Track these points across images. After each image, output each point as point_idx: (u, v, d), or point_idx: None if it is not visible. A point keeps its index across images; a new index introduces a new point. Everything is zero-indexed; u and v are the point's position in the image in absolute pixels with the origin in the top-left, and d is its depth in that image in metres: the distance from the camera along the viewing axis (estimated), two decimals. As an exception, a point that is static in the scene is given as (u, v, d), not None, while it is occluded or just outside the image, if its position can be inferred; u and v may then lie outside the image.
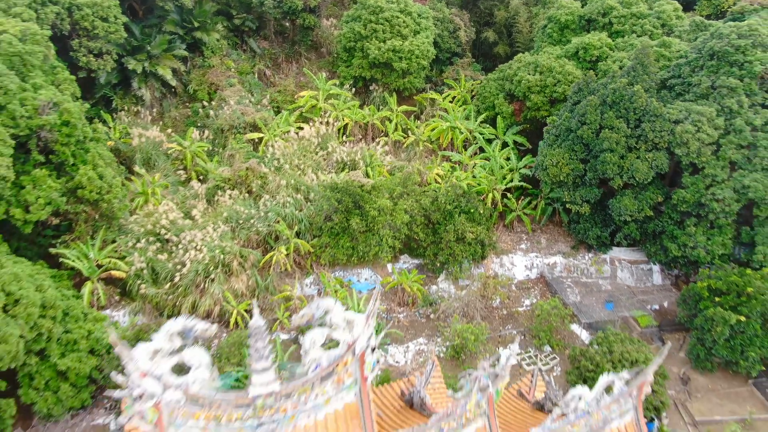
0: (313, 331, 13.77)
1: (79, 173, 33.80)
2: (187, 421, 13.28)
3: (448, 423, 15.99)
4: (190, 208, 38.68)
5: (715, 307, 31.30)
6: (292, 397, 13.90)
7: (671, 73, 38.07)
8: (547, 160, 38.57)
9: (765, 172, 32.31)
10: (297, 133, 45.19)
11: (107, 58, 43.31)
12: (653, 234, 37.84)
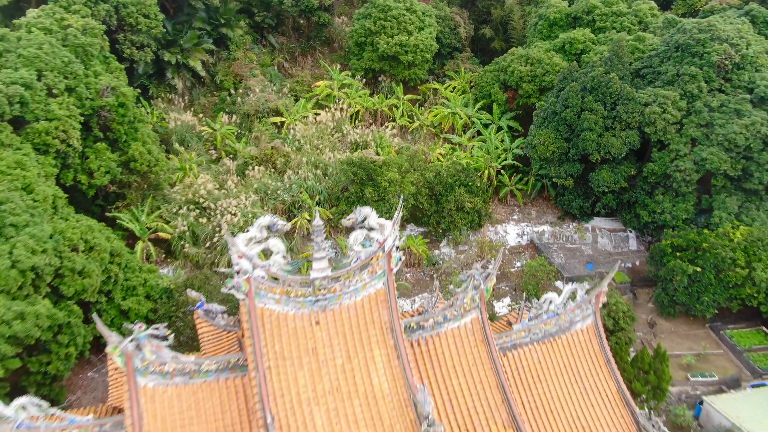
0: (355, 231, 19.39)
1: (132, 148, 39.38)
2: (267, 294, 18.89)
3: (450, 312, 21.66)
4: (223, 182, 44.26)
5: (676, 260, 36.90)
6: (340, 281, 19.51)
7: (644, 63, 43.67)
8: (535, 140, 44.17)
9: (720, 146, 37.84)
10: (315, 118, 50.78)
11: (147, 50, 48.82)
12: (628, 203, 43.45)
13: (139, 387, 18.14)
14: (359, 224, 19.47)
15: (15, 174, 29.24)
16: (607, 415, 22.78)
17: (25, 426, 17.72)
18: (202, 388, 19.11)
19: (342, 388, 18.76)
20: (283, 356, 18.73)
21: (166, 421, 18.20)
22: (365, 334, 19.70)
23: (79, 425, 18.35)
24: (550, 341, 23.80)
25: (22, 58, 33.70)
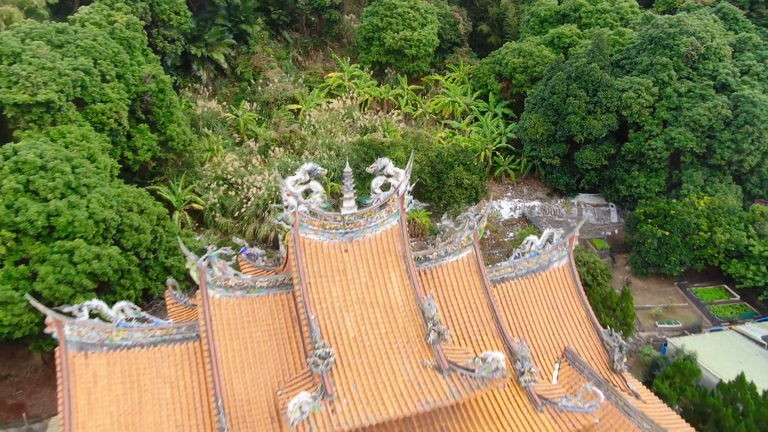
0: (376, 177, 24.73)
1: (169, 129, 44.72)
2: (307, 226, 24.19)
3: (450, 247, 27.00)
4: (247, 161, 49.57)
5: (647, 225, 42.21)
6: (364, 217, 24.84)
7: (623, 55, 48.95)
8: (526, 123, 49.49)
9: (687, 127, 43.13)
10: (327, 106, 56.12)
11: (177, 44, 54.17)
12: (608, 179, 48.75)
13: (209, 296, 23.45)
14: (379, 172, 24.84)
15: (82, 145, 34.52)
16: (578, 333, 28.09)
17: (122, 325, 23.02)
18: (256, 300, 24.43)
19: (365, 300, 24.06)
20: (320, 274, 24.04)
21: (229, 323, 23.52)
22: (383, 260, 25.01)
23: (162, 326, 23.64)
24: (532, 276, 29.11)
25: (79, 48, 38.98)
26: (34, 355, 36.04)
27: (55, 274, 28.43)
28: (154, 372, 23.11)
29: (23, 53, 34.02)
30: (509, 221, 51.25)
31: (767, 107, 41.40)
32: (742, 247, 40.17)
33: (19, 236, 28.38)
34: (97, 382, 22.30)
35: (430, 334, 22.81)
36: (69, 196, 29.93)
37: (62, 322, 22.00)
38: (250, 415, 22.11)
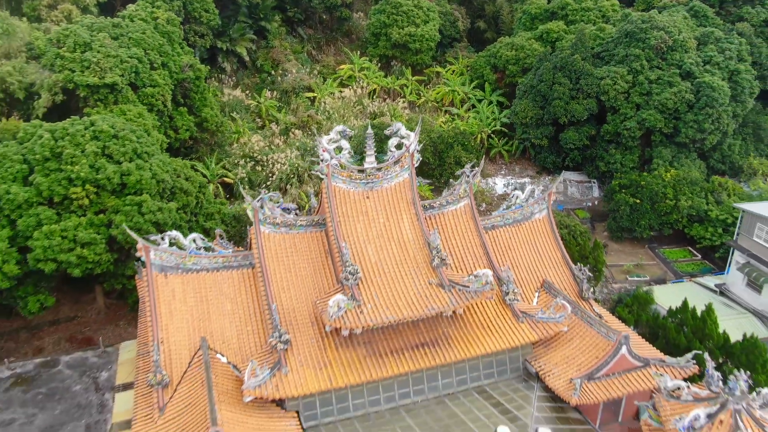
0: (392, 138, 31.14)
1: (204, 112, 51.10)
2: (338, 176, 30.58)
3: (450, 198, 33.42)
4: (270, 142, 55.93)
5: (621, 194, 48.61)
6: (381, 171, 31.24)
7: (603, 48, 55.32)
8: (518, 108, 55.89)
9: (656, 110, 49.50)
10: (340, 94, 62.51)
11: (206, 38, 60.57)
12: (590, 158, 55.13)
13: (261, 231, 29.87)
14: (394, 134, 31.26)
15: (139, 121, 40.87)
16: (554, 270, 34.45)
17: (193, 252, 29.43)
18: (296, 235, 30.84)
19: (383, 235, 30.47)
20: (347, 215, 30.46)
21: (277, 252, 29.93)
22: (397, 205, 31.43)
23: (223, 255, 30.04)
24: (517, 225, 35.52)
25: (132, 39, 45.36)
26: (97, 300, 42.49)
27: (127, 222, 34.78)
28: (218, 290, 29.55)
29: (92, 43, 40.40)
30: (502, 196, 57.53)
31: (724, 92, 47.79)
32: (703, 212, 46.57)
33: (99, 191, 34.74)
34: (174, 296, 28.70)
35: (434, 260, 29.24)
36: (136, 160, 36.30)
37: (149, 248, 28.41)
38: (294, 320, 28.49)
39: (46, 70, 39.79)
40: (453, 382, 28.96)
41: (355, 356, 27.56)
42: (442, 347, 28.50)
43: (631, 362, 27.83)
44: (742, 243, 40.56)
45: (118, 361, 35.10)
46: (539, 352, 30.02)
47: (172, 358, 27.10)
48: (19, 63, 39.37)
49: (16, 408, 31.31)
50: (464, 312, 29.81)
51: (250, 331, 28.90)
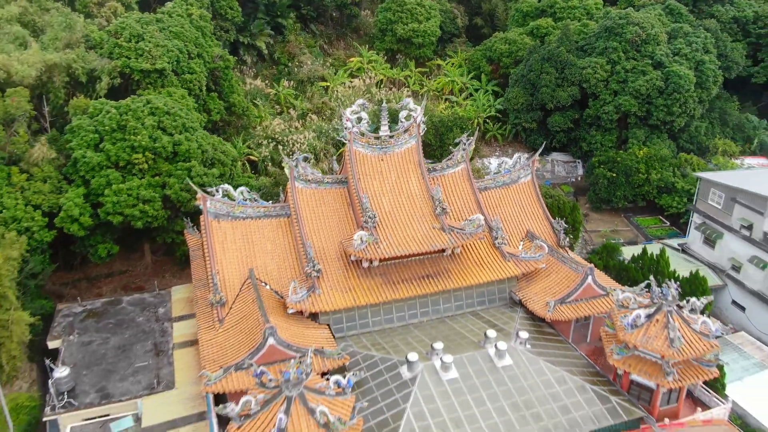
0: (402, 111, 37.95)
1: (232, 97, 57.85)
2: (358, 142, 37.38)
3: (449, 163, 40.25)
4: (289, 126, 62.64)
5: (600, 169, 55.38)
6: (393, 138, 38.05)
7: (585, 41, 62.09)
8: (510, 95, 62.68)
9: (631, 95, 56.24)
10: (350, 83, 69.23)
11: (230, 33, 67.29)
12: (574, 139, 61.92)
13: (296, 186, 36.62)
14: (404, 107, 38.04)
15: (183, 102, 47.57)
16: (536, 223, 41.20)
17: (241, 203, 36.18)
18: (324, 191, 37.58)
19: (395, 190, 37.22)
20: (366, 174, 37.21)
21: (308, 203, 36.68)
22: (406, 167, 38.19)
23: (265, 206, 36.79)
24: (506, 187, 42.30)
25: (172, 32, 52.05)
26: (145, 256, 49.23)
27: (179, 183, 41.56)
28: (260, 234, 36.32)
29: (144, 34, 47.13)
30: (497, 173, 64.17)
31: (690, 80, 54.58)
32: (670, 184, 53.35)
33: (155, 158, 41.46)
34: (226, 238, 35.48)
35: (437, 209, 36.04)
36: (184, 133, 43.06)
37: (206, 198, 35.19)
38: (324, 256, 35.19)
39: (105, 58, 46.50)
40: (452, 306, 35.75)
41: (373, 283, 34.32)
42: (443, 278, 35.27)
43: (595, 290, 34.54)
44: (699, 206, 47.39)
45: (171, 300, 41.80)
46: (522, 285, 36.80)
47: (226, 285, 33.86)
48: (80, 52, 46.02)
49: (92, 333, 37.97)
50: (461, 251, 36.58)
51: (287, 266, 35.64)
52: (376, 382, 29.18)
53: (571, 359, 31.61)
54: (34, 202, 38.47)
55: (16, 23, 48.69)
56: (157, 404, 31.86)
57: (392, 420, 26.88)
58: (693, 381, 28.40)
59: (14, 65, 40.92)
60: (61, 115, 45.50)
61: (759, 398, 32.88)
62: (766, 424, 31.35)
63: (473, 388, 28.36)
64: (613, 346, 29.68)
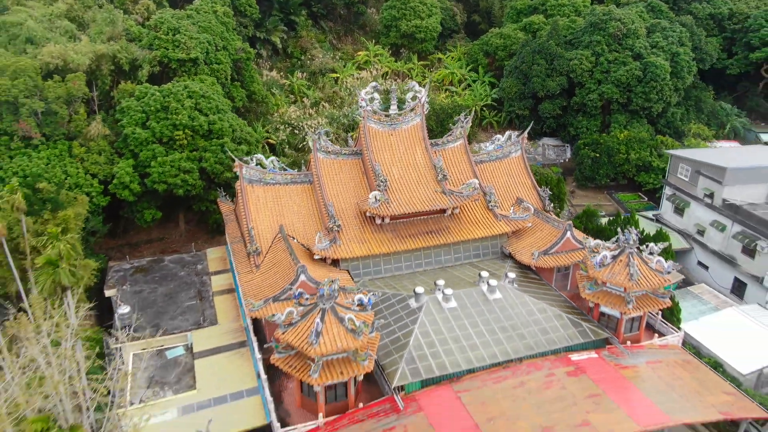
0: (408, 93, 44.13)
1: (252, 86, 64.00)
2: (371, 119, 43.57)
3: (449, 138, 46.45)
4: (303, 113, 68.77)
5: (585, 150, 61.54)
6: (401, 115, 44.25)
7: (573, 36, 68.21)
8: (504, 85, 68.82)
9: (613, 84, 62.36)
10: (358, 75, 75.37)
11: (249, 29, 73.38)
12: (563, 125, 68.06)
13: (318, 157, 42.77)
14: (410, 89, 44.18)
15: (213, 89, 53.70)
16: (525, 192, 47.31)
17: (271, 170, 42.35)
18: (342, 161, 43.70)
19: (403, 161, 43.37)
20: (377, 146, 43.36)
21: (328, 171, 42.82)
22: (412, 141, 44.34)
23: (291, 173, 42.93)
24: (499, 161, 48.43)
25: (201, 27, 58.15)
26: (180, 225, 55.36)
27: (214, 157, 47.69)
28: (288, 197, 42.46)
29: (180, 28, 53.27)
30: (492, 157, 70.25)
31: (665, 69, 60.73)
32: (647, 162, 59.50)
33: (193, 135, 47.59)
34: (258, 200, 41.61)
35: (438, 176, 42.20)
36: (217, 114, 49.23)
37: (242, 165, 41.33)
38: (342, 215, 41.26)
39: (145, 49, 52.64)
40: (452, 258, 41.92)
41: (384, 237, 40.49)
42: (444, 234, 41.43)
43: (574, 244, 40.66)
44: (670, 180, 53.57)
45: (207, 259, 47.97)
46: (512, 241, 42.97)
47: (260, 238, 39.99)
48: (123, 43, 52.12)
49: (142, 284, 44.10)
50: (459, 212, 42.73)
51: (311, 224, 41.77)
52: (390, 311, 35.36)
53: (551, 296, 37.79)
54: (92, 171, 44.69)
55: (65, 19, 54.84)
56: (203, 336, 38.09)
57: (403, 337, 33.05)
58: (649, 309, 34.57)
59: (70, 54, 47.05)
60: (106, 98, 51.65)
61: (711, 333, 38.99)
62: (715, 352, 37.46)
63: (469, 315, 34.52)
64: (585, 282, 35.88)
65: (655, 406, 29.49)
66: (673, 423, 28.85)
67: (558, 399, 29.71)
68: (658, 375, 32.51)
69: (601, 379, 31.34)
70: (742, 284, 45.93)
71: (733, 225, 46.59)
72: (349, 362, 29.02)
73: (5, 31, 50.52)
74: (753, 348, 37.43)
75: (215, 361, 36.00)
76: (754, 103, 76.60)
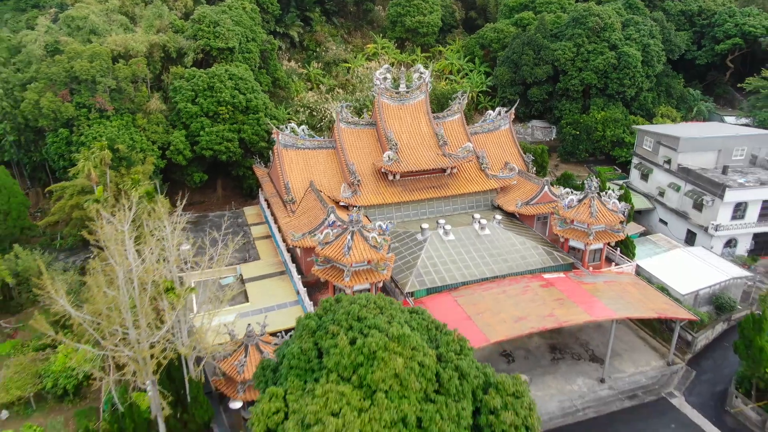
0: (415, 73, 53.28)
1: (277, 73, 73.19)
2: (384, 95, 52.72)
3: (448, 112, 55.63)
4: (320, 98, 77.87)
5: (567, 128, 70.67)
6: (409, 92, 53.41)
7: (558, 29, 77.21)
8: (497, 73, 77.94)
9: (592, 71, 71.41)
10: (368, 65, 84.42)
11: (270, 24, 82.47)
12: (549, 108, 77.14)
13: (341, 126, 51.90)
14: (416, 70, 53.32)
15: (247, 74, 62.75)
16: (512, 157, 56.42)
17: (303, 137, 51.47)
18: (360, 130, 52.83)
19: (410, 130, 52.51)
20: (389, 118, 52.48)
21: (349, 138, 51.95)
22: (418, 113, 53.47)
23: (318, 140, 52.03)
24: (490, 132, 57.57)
25: (234, 20, 67.20)
26: (217, 190, 64.49)
27: (251, 129, 56.81)
28: (315, 160, 51.60)
29: (219, 21, 62.39)
30: (487, 137, 79.33)
31: (637, 58, 69.76)
32: (620, 139, 68.59)
33: (234, 110, 56.67)
34: (292, 161, 50.77)
35: (440, 141, 51.35)
36: (253, 93, 58.34)
37: (278, 132, 50.47)
38: (361, 173, 50.37)
39: (189, 39, 61.76)
40: (450, 209, 51.04)
41: (395, 190, 49.59)
42: (443, 189, 50.54)
43: (550, 196, 49.75)
44: (637, 151, 62.70)
45: (245, 214, 57.13)
46: (500, 195, 52.07)
47: (294, 191, 49.12)
48: (170, 34, 61.23)
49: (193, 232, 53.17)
50: (457, 172, 51.82)
51: (335, 181, 50.85)
52: (401, 243, 44.53)
53: (531, 235, 46.95)
54: (152, 138, 53.80)
55: (119, 14, 64.00)
56: (250, 268, 47.22)
57: (412, 260, 42.19)
58: (607, 240, 43.68)
59: (130, 43, 56.19)
60: (157, 80, 60.75)
61: (660, 266, 47.98)
62: (662, 279, 46.46)
63: (464, 245, 43.67)
64: (556, 221, 45.03)
65: (605, 307, 38.61)
66: (618, 317, 37.98)
67: (531, 300, 38.86)
68: (612, 289, 41.66)
69: (566, 289, 40.48)
70: (692, 234, 55.04)
71: (686, 185, 55.72)
72: (371, 272, 38.11)
73: (67, 25, 59.64)
74: (693, 277, 46.52)
75: (262, 284, 45.17)
76: (721, 90, 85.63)
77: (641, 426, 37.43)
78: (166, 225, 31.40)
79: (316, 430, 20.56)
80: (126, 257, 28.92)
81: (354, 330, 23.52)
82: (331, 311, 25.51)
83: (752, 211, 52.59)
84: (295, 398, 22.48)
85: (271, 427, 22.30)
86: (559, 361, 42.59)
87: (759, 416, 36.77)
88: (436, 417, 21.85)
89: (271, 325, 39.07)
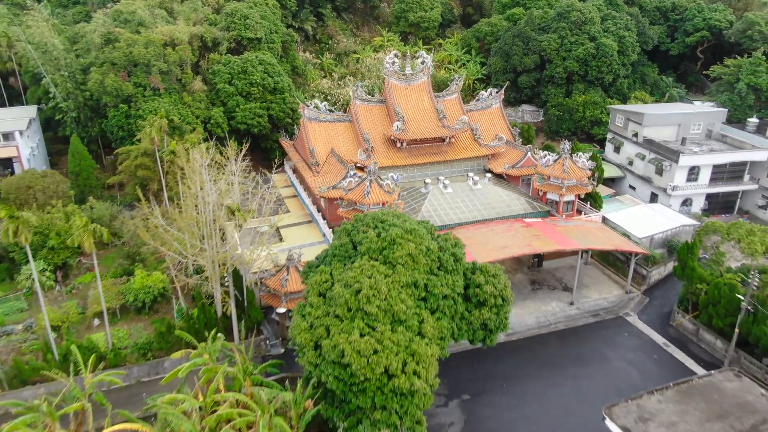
0: (418, 58, 62.90)
1: (296, 62, 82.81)
2: (393, 77, 62.34)
3: (447, 92, 65.32)
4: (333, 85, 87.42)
5: (552, 110, 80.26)
6: (413, 74, 63.04)
7: (545, 23, 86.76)
8: (491, 62, 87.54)
9: (574, 60, 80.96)
10: (375, 56, 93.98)
11: (287, 19, 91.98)
12: (537, 93, 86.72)
13: (356, 103, 61.51)
14: (419, 56, 62.90)
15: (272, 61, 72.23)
16: (501, 131, 65.98)
17: (324, 111, 61.04)
18: (372, 107, 62.41)
19: (415, 106, 62.10)
20: (397, 96, 62.07)
21: (363, 113, 61.55)
22: (421, 92, 63.07)
23: (337, 114, 61.59)
24: (483, 110, 67.15)
25: (260, 15, 76.66)
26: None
27: (278, 107, 66.39)
28: (335, 131, 61.20)
29: (249, 15, 71.95)
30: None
31: (613, 48, 79.31)
32: (599, 119, 78.20)
33: (263, 91, 66.22)
34: (315, 131, 60.38)
35: (440, 115, 60.95)
36: (280, 76, 67.93)
37: (304, 107, 60.09)
38: (374, 142, 59.92)
39: (223, 30, 71.31)
40: (448, 171, 60.60)
41: (402, 155, 59.14)
42: (443, 155, 60.11)
43: (533, 161, 59.28)
44: (611, 127, 72.35)
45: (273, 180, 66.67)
46: (491, 161, 61.67)
47: (318, 155, 58.69)
48: (206, 26, 70.78)
49: (231, 193, 62.65)
50: (454, 141, 61.37)
51: (352, 149, 60.37)
52: (408, 195, 54.16)
53: (515, 191, 56.58)
54: (196, 113, 63.37)
55: (160, 8, 73.59)
56: (283, 219, 56.79)
57: (417, 208, 51.78)
58: (577, 192, 53.22)
59: (175, 33, 65.77)
60: (196, 66, 70.26)
61: (623, 218, 57.52)
62: (623, 226, 56.01)
63: (460, 197, 53.26)
64: (536, 176, 54.61)
65: (573, 241, 48.22)
66: (583, 247, 47.61)
67: (513, 236, 48.47)
68: (580, 230, 51.28)
69: (542, 229, 50.09)
70: (655, 196, 64.67)
71: (649, 153, 65.35)
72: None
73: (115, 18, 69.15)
74: (650, 225, 56.13)
75: (293, 230, 54.84)
76: (693, 78, 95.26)
77: (601, 334, 47.11)
78: (233, 162, 40.79)
79: (356, 287, 30.08)
80: (204, 186, 38.56)
81: (378, 228, 33.10)
82: (361, 220, 35.09)
83: (704, 175, 62.24)
84: (339, 272, 32.07)
85: (322, 292, 31.86)
86: (538, 290, 52.29)
87: (693, 326, 46.38)
88: (437, 283, 31.44)
89: (303, 258, 48.69)
